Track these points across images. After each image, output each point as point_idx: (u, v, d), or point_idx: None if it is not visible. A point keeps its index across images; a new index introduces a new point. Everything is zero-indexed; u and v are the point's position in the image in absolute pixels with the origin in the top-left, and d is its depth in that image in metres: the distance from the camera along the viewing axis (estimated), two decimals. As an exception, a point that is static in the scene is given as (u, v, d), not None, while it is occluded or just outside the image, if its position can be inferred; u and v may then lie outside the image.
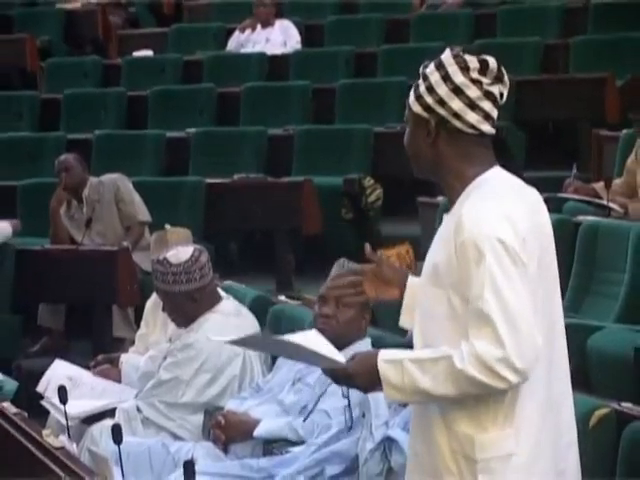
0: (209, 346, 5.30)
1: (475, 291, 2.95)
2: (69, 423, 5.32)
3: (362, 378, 3.09)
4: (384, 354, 3.05)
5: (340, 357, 3.16)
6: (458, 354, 2.93)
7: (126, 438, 4.74)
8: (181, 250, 5.46)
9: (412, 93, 3.16)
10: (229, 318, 5.41)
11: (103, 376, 5.87)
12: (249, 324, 5.46)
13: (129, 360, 5.93)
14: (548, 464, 3.09)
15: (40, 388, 5.74)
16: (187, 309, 5.41)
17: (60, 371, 5.78)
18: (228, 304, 5.51)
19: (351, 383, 3.15)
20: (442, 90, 3.09)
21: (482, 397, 3.00)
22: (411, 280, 3.31)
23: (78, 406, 5.44)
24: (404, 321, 3.29)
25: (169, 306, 5.47)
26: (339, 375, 3.14)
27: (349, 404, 4.64)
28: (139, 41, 12.63)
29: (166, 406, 5.31)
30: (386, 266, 3.35)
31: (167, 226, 6.17)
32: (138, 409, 5.38)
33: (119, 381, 5.85)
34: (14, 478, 5.19)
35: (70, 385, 5.54)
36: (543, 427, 3.07)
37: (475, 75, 3.09)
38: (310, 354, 3.18)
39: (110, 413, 5.50)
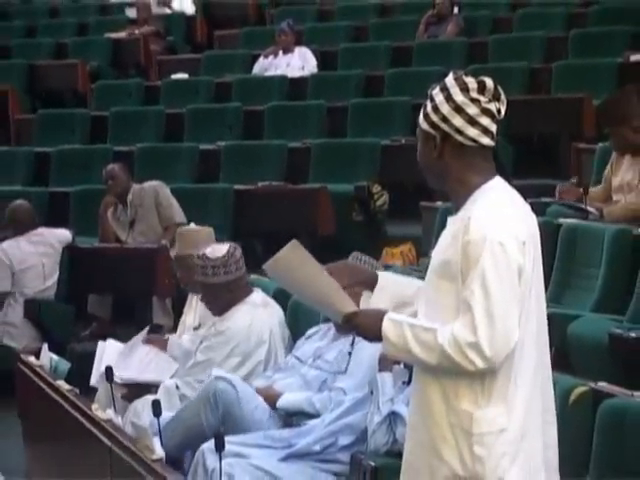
0: (240, 333, 5.32)
1: (467, 283, 2.96)
2: (114, 397, 5.35)
3: (367, 326, 3.12)
4: (391, 314, 3.09)
5: (351, 304, 3.17)
6: (442, 331, 2.96)
7: (165, 413, 4.76)
8: (217, 247, 5.48)
9: (421, 113, 3.16)
10: (258, 309, 5.44)
11: (152, 343, 5.84)
12: (275, 314, 5.47)
13: (174, 338, 5.93)
14: (535, 439, 3.09)
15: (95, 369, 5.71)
16: (223, 299, 5.42)
17: (111, 349, 5.75)
18: (257, 296, 5.52)
19: (358, 327, 3.17)
20: (445, 109, 3.09)
21: (478, 377, 3.00)
22: (382, 276, 3.38)
23: (125, 374, 5.45)
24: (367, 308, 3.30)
25: (207, 296, 5.48)
26: (350, 318, 3.15)
27: (350, 353, 4.79)
28: (176, 66, 12.62)
29: (200, 384, 5.31)
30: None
31: (192, 224, 6.16)
32: (177, 387, 5.39)
33: (164, 350, 5.82)
34: (68, 446, 5.21)
35: (122, 358, 5.55)
36: (531, 407, 3.07)
37: (474, 95, 3.09)
38: (330, 295, 3.18)
39: (151, 389, 5.50)
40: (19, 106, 12.07)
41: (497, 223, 2.99)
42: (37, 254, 7.75)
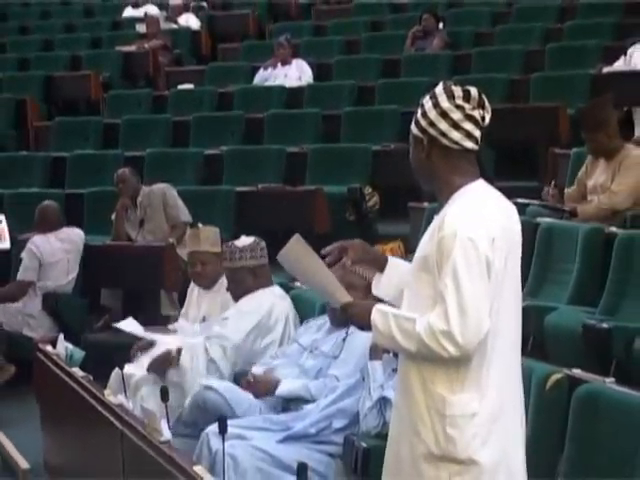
0: (263, 309, 5.39)
1: (442, 276, 2.99)
2: (125, 382, 5.35)
3: (359, 316, 3.21)
4: (379, 306, 3.14)
5: (346, 294, 3.28)
6: (420, 320, 3.00)
7: (188, 365, 5.08)
8: (244, 238, 5.53)
9: (413, 119, 3.19)
10: (277, 299, 5.50)
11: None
12: (290, 306, 5.48)
13: (184, 323, 5.92)
14: (509, 421, 3.10)
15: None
16: (248, 282, 5.45)
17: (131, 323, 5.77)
18: (278, 289, 5.56)
19: (352, 316, 3.28)
20: (432, 114, 3.12)
21: (453, 364, 3.01)
22: (392, 261, 3.38)
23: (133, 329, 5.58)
24: (377, 290, 3.38)
25: (233, 281, 5.48)
26: (344, 306, 3.25)
27: (345, 338, 4.83)
28: (182, 77, 12.61)
29: (227, 348, 5.33)
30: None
31: (200, 224, 6.16)
32: (206, 349, 5.37)
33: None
34: (82, 428, 5.19)
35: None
36: (502, 393, 3.09)
37: (459, 102, 3.11)
38: (325, 283, 3.30)
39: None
40: (37, 114, 12.06)
41: (468, 220, 3.01)
42: (64, 250, 7.76)
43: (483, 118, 3.14)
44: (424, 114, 3.14)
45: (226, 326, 5.40)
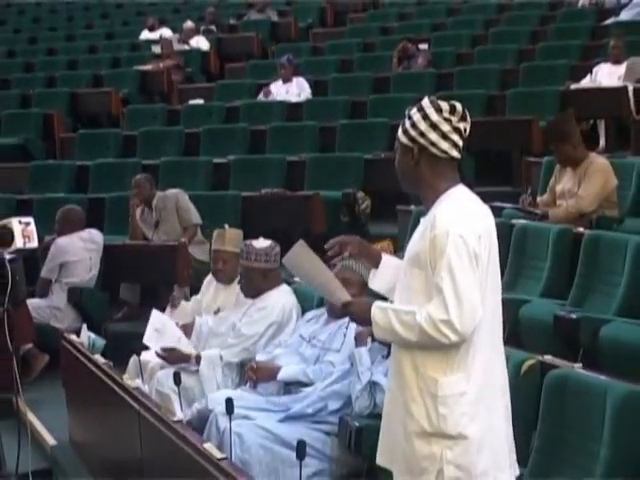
0: (277, 309, 5.38)
1: (437, 271, 2.98)
2: (142, 367, 5.35)
3: (359, 313, 3.16)
4: (378, 302, 3.12)
5: (345, 293, 3.24)
6: (419, 311, 2.99)
7: (208, 381, 5.09)
8: (261, 240, 5.50)
9: (400, 129, 3.18)
10: (287, 296, 5.48)
11: (179, 318, 5.85)
12: (296, 301, 5.44)
13: (200, 319, 5.88)
14: (493, 400, 3.10)
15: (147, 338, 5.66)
16: (259, 283, 5.43)
17: (155, 319, 5.69)
18: (285, 286, 5.56)
19: (348, 314, 3.23)
20: (422, 126, 3.11)
21: (444, 350, 3.01)
22: (385, 257, 3.36)
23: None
24: (373, 284, 3.36)
25: (247, 279, 5.47)
26: (344, 305, 3.21)
27: (343, 343, 4.77)
28: (193, 93, 12.60)
29: (245, 352, 5.32)
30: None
31: (226, 226, 6.15)
32: (220, 357, 5.36)
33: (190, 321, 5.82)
34: (103, 410, 5.19)
35: (157, 334, 5.54)
36: (486, 374, 3.09)
37: (446, 115, 3.11)
38: (326, 283, 3.27)
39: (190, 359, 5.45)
40: (63, 127, 12.03)
41: (458, 220, 3.01)
42: (86, 250, 7.74)
43: (465, 130, 3.14)
44: (413, 125, 3.12)
45: (244, 329, 5.39)
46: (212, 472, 3.46)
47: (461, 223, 3.00)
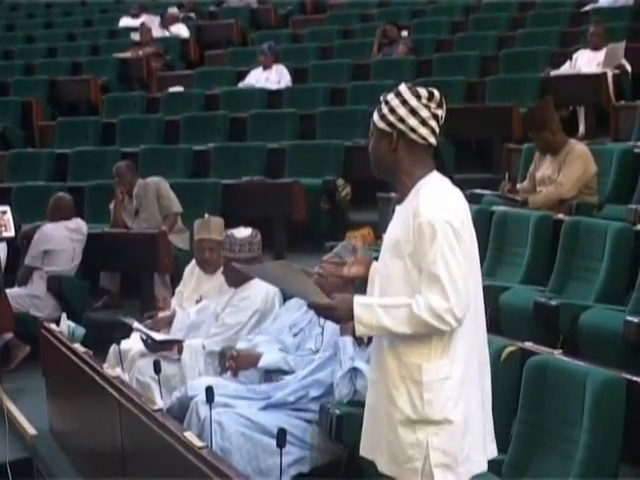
0: (259, 298, 5.35)
1: (430, 259, 2.95)
2: (122, 356, 5.32)
3: (340, 314, 3.09)
4: (359, 299, 3.05)
5: (324, 297, 3.15)
6: (415, 303, 2.95)
7: (190, 369, 5.02)
8: (241, 229, 5.46)
9: (376, 114, 3.16)
10: (267, 284, 5.42)
11: (157, 325, 5.77)
12: (277, 291, 5.42)
13: (181, 312, 5.84)
14: (473, 385, 3.10)
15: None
16: (242, 272, 5.38)
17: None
18: None
19: (330, 316, 3.15)
20: (402, 111, 3.09)
21: (427, 336, 3.01)
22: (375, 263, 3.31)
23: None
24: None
25: (231, 269, 5.42)
26: (322, 308, 3.13)
27: (322, 332, 4.71)
28: (173, 80, 12.53)
29: (228, 340, 5.29)
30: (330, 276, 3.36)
31: (206, 215, 6.12)
32: (203, 346, 5.35)
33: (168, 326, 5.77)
34: (83, 399, 5.16)
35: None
36: (469, 359, 3.09)
37: (425, 101, 3.10)
38: (303, 289, 3.17)
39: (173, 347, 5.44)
40: (42, 115, 11.96)
41: (441, 206, 3.00)
42: (71, 240, 7.68)
43: (442, 116, 3.13)
44: (392, 110, 3.09)
45: (227, 318, 5.37)
46: (192, 461, 3.45)
47: (445, 209, 2.99)
